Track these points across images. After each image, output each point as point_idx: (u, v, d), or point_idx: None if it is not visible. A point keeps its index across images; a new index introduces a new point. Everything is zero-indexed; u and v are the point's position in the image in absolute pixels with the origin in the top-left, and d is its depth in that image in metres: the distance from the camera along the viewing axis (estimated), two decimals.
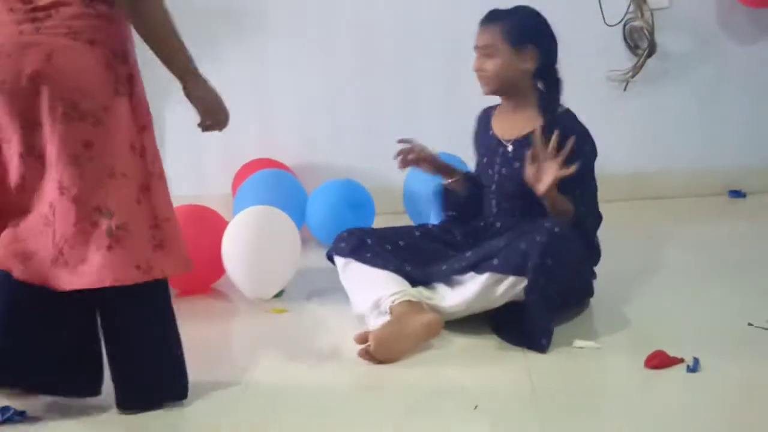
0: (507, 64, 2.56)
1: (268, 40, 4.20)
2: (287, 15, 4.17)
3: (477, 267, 2.40)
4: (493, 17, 2.60)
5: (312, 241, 3.60)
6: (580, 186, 2.52)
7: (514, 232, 2.41)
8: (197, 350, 2.58)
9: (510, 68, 2.57)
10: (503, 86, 2.61)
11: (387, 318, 2.44)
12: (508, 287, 2.35)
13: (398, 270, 2.53)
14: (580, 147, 2.49)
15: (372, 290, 2.51)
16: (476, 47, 2.61)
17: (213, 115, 2.23)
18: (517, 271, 2.30)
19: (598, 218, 2.60)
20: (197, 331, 2.76)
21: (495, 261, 2.35)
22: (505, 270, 2.33)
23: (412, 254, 2.59)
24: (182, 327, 2.76)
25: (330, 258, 2.71)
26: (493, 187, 2.67)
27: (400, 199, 3.79)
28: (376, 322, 2.46)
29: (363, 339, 2.35)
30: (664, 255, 3.17)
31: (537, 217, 2.46)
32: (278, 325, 2.75)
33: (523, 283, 2.30)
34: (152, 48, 2.11)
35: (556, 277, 2.29)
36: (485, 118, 2.78)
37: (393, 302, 2.44)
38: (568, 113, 2.61)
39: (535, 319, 2.29)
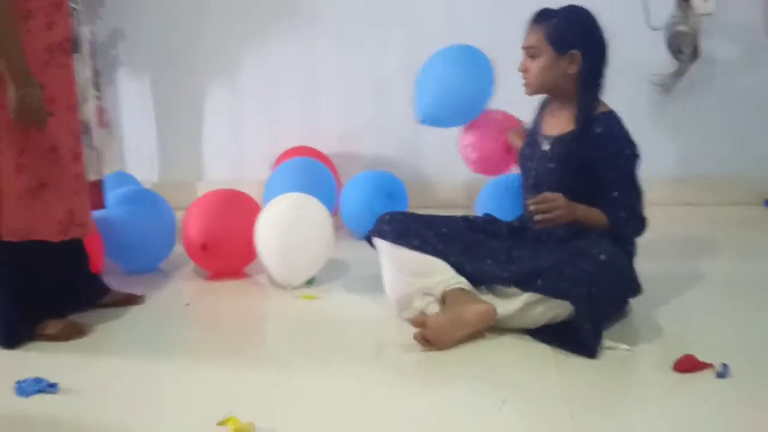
0: (549, 67, 2.54)
1: (318, 32, 4.24)
2: (338, 7, 4.20)
3: (520, 283, 2.40)
4: (539, 17, 2.56)
5: (343, 230, 3.62)
6: (620, 188, 2.48)
7: (560, 252, 2.39)
8: (228, 332, 2.63)
9: (552, 71, 2.54)
10: (545, 87, 2.59)
11: (432, 300, 2.48)
12: (549, 308, 2.36)
13: (445, 259, 2.53)
14: (620, 150, 2.48)
15: (421, 276, 2.52)
16: (523, 47, 2.59)
17: (16, 113, 2.32)
18: (561, 296, 2.31)
19: (641, 222, 2.52)
20: (228, 313, 2.80)
21: (539, 282, 2.35)
22: (548, 293, 2.33)
23: (456, 243, 2.59)
24: (213, 309, 2.82)
25: (368, 239, 2.70)
26: (531, 182, 2.66)
27: (435, 193, 3.79)
28: (420, 304, 2.49)
29: (420, 323, 2.35)
30: (698, 262, 3.15)
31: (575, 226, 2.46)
32: (309, 311, 2.77)
33: (564, 305, 2.31)
34: None
35: (602, 302, 2.29)
36: (543, 106, 2.75)
37: (447, 287, 2.47)
38: (610, 114, 2.55)
39: (585, 337, 2.27)
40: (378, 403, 2.07)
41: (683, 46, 3.94)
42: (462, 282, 2.49)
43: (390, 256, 2.59)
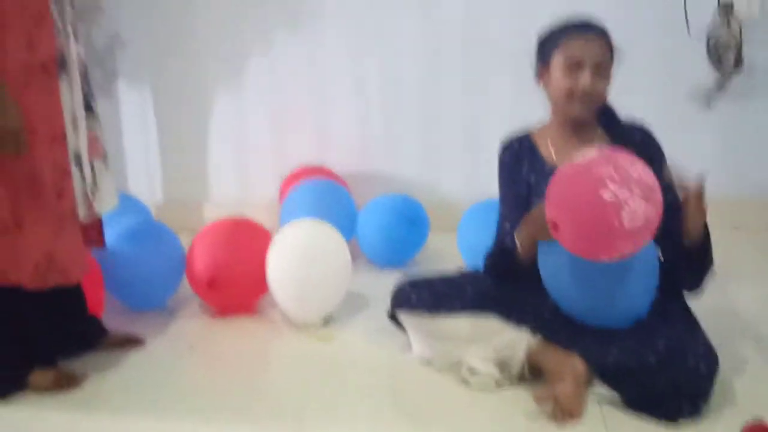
0: (610, 86, 2.24)
1: (328, 43, 3.99)
2: (348, 17, 3.96)
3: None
4: (600, 28, 2.22)
5: (361, 259, 3.37)
6: (671, 192, 2.16)
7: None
8: (234, 382, 2.38)
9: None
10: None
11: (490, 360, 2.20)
12: None
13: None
14: (663, 152, 2.27)
15: (480, 340, 2.22)
16: (590, 63, 2.17)
17: None
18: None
19: None
20: (235, 358, 2.56)
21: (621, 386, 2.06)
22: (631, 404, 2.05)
23: (487, 302, 2.27)
24: (219, 353, 2.57)
25: (392, 316, 2.44)
26: None
27: (457, 215, 3.51)
28: (482, 368, 2.20)
29: (548, 398, 2.04)
30: (746, 299, 2.89)
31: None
32: (324, 354, 2.53)
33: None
34: None
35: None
36: (524, 149, 2.35)
37: (531, 342, 2.18)
38: (632, 120, 2.31)
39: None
40: None
41: (725, 55, 3.69)
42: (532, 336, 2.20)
43: (429, 328, 2.30)
